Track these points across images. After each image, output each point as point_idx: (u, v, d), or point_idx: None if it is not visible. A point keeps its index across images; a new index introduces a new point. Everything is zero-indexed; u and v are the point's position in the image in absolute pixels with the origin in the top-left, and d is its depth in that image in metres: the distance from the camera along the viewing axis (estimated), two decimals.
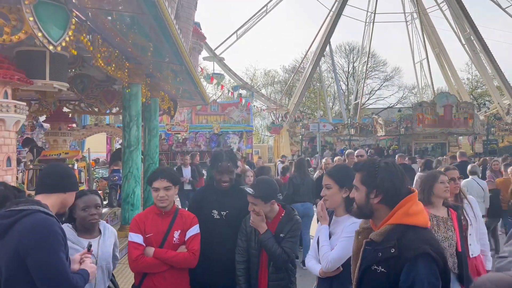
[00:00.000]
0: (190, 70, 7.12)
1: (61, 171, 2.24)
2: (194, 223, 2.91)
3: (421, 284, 1.71)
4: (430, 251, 1.74)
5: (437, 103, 23.69)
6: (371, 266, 1.83)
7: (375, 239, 1.85)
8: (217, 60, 23.70)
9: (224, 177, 3.10)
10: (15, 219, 1.86)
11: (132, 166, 6.74)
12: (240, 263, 2.95)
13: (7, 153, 4.29)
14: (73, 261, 2.19)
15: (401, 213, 1.83)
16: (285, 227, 2.88)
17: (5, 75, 4.22)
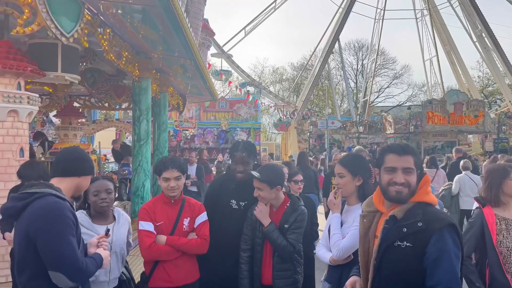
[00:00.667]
0: (200, 64, 7.14)
1: (76, 155, 2.23)
2: (202, 210, 2.93)
3: (448, 254, 1.80)
4: (454, 222, 1.85)
5: (447, 101, 23.45)
6: (394, 243, 1.87)
7: (398, 216, 1.89)
8: (225, 57, 23.69)
9: (238, 167, 3.08)
10: (27, 202, 1.89)
11: (142, 160, 6.79)
12: (244, 251, 2.94)
13: (20, 143, 4.35)
14: (90, 244, 2.23)
15: (422, 192, 1.94)
16: (290, 218, 2.86)
17: (18, 66, 4.27)
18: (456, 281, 1.80)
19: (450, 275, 1.79)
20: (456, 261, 1.82)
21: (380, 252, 1.91)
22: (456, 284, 1.80)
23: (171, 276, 2.74)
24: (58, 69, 4.85)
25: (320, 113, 35.28)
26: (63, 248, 1.85)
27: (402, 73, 42.45)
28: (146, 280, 2.77)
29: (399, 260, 1.85)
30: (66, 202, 1.97)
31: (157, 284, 2.74)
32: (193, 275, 2.86)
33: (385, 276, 1.89)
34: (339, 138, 28.71)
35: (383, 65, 41.29)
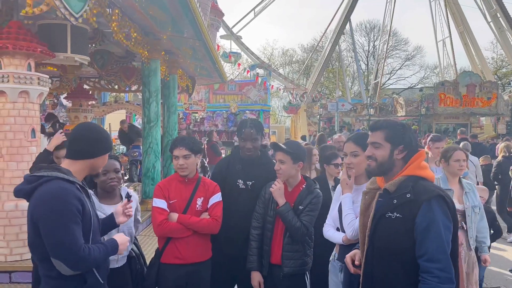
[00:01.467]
0: (209, 45, 7.08)
1: (89, 136, 2.08)
2: (217, 191, 2.93)
3: (436, 224, 1.84)
4: (443, 194, 1.90)
5: (460, 83, 23.06)
6: (386, 214, 1.94)
7: (389, 189, 1.96)
8: (234, 39, 23.49)
9: (247, 144, 3.04)
10: (35, 186, 1.88)
11: (152, 142, 6.82)
12: (255, 229, 2.93)
13: (31, 124, 4.38)
14: (116, 214, 2.28)
15: (414, 166, 1.99)
16: (305, 200, 2.83)
17: (28, 47, 4.27)
18: (442, 250, 1.83)
19: (437, 244, 1.82)
20: (445, 231, 1.85)
21: (373, 223, 2.00)
22: (442, 253, 1.82)
23: (181, 253, 2.77)
24: (68, 50, 4.85)
25: (330, 95, 35.01)
26: (63, 236, 1.81)
27: (414, 55, 41.78)
28: (158, 255, 2.82)
29: (390, 231, 1.92)
30: (73, 185, 1.92)
31: (168, 260, 2.79)
32: (204, 254, 2.89)
33: (377, 247, 1.97)
34: (349, 120, 28.52)
35: (395, 47, 40.62)
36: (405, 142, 2.01)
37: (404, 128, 2.05)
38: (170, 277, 2.77)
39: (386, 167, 2.03)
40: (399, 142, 2.02)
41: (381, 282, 1.96)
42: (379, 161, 2.03)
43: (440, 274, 1.80)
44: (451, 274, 1.82)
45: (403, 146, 2.01)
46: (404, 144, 2.01)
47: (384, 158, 2.03)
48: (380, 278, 1.96)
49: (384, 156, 2.03)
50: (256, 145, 3.05)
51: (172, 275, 2.77)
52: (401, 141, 2.01)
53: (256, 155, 3.10)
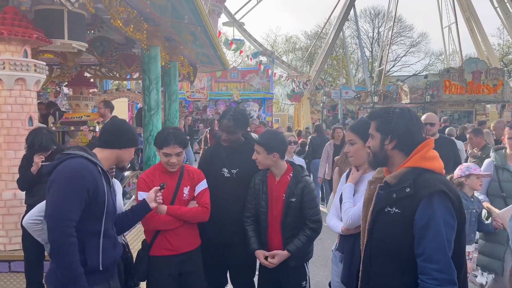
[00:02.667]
0: (209, 31, 6.96)
1: (118, 127, 2.30)
2: (202, 178, 2.87)
3: (437, 221, 1.71)
4: (445, 189, 1.74)
5: (466, 69, 22.74)
6: (385, 208, 1.83)
7: (389, 181, 1.84)
8: (237, 26, 23.21)
9: (223, 135, 3.00)
10: (61, 161, 2.01)
11: (153, 130, 6.75)
12: (248, 217, 2.89)
13: (28, 112, 4.33)
14: (148, 199, 2.38)
15: (418, 157, 1.84)
16: (296, 191, 2.76)
17: (24, 33, 4.19)
18: (441, 251, 1.70)
19: (436, 244, 1.70)
20: (447, 229, 1.72)
21: (372, 217, 1.90)
22: (441, 254, 1.70)
23: (173, 245, 2.72)
24: (65, 36, 4.75)
25: (334, 83, 34.74)
26: (59, 201, 1.90)
27: (419, 41, 41.20)
28: (147, 248, 2.76)
29: (388, 226, 1.82)
30: (94, 165, 2.03)
31: (159, 252, 2.73)
32: (194, 242, 2.85)
33: (376, 240, 1.88)
34: (353, 108, 28.30)
35: (399, 33, 40.06)
36: (392, 131, 1.88)
37: (395, 115, 1.90)
38: (163, 269, 2.72)
39: (380, 157, 1.93)
40: (387, 131, 1.89)
41: (378, 278, 1.87)
42: (372, 152, 1.96)
43: (438, 275, 1.69)
44: (451, 276, 1.70)
45: (391, 135, 1.88)
46: (391, 133, 1.88)
47: (376, 149, 1.93)
48: (377, 273, 1.88)
49: (375, 147, 1.94)
50: (232, 137, 2.99)
51: (165, 266, 2.72)
52: (388, 130, 1.89)
53: (237, 144, 3.03)
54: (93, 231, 2.01)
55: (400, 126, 1.87)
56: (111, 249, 2.09)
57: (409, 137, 1.87)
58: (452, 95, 22.78)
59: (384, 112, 1.96)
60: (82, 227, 1.97)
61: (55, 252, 1.90)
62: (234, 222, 2.94)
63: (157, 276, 2.73)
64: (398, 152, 1.89)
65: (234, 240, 2.96)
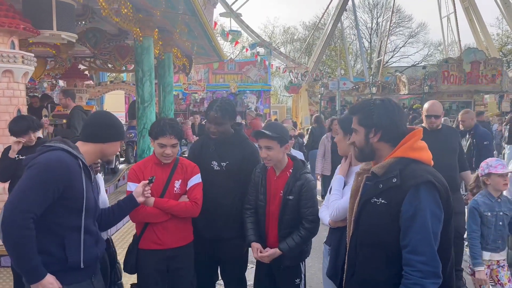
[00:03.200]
0: (203, 22, 6.85)
1: (101, 121, 2.17)
2: (196, 172, 2.78)
3: (423, 212, 1.67)
4: (432, 179, 1.71)
5: (464, 60, 22.58)
6: (371, 199, 1.80)
7: (376, 172, 1.80)
8: (234, 16, 22.99)
9: (211, 128, 2.88)
10: (40, 153, 1.93)
11: (147, 122, 6.67)
12: (247, 209, 2.83)
13: (16, 105, 4.25)
14: (136, 193, 2.29)
15: (406, 147, 1.80)
16: (294, 189, 2.67)
17: (10, 24, 4.10)
18: (427, 242, 1.67)
19: (421, 235, 1.67)
20: (433, 221, 1.69)
21: (358, 208, 1.86)
22: (426, 245, 1.66)
23: (160, 239, 2.65)
24: (54, 27, 4.66)
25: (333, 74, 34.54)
26: (22, 190, 1.82)
27: (418, 32, 40.93)
28: (136, 241, 2.70)
29: (374, 218, 1.78)
30: (76, 161, 1.95)
31: (146, 246, 2.67)
32: (185, 238, 2.77)
33: (361, 232, 1.84)
34: (351, 100, 28.19)
35: (398, 23, 39.77)
36: (375, 123, 1.82)
37: (376, 107, 1.84)
38: (150, 262, 2.66)
39: (367, 152, 1.88)
40: (370, 124, 1.84)
41: (363, 270, 1.83)
42: (357, 146, 1.90)
43: (422, 267, 1.66)
44: (436, 268, 1.67)
45: (375, 128, 1.82)
46: (374, 126, 1.82)
47: (361, 143, 1.88)
48: (362, 265, 1.84)
49: (360, 141, 1.88)
50: (221, 129, 2.88)
51: (151, 260, 2.66)
52: (371, 123, 1.83)
53: (225, 136, 2.93)
54: (72, 226, 1.94)
55: (383, 117, 1.82)
56: (93, 245, 2.02)
57: (394, 128, 1.82)
58: (451, 86, 22.66)
59: (365, 105, 1.89)
60: (59, 221, 1.90)
61: (8, 243, 1.81)
62: (225, 216, 2.87)
63: (144, 270, 2.68)
64: (384, 144, 1.84)
65: (225, 235, 2.89)
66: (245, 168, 2.88)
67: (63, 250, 1.89)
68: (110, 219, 2.28)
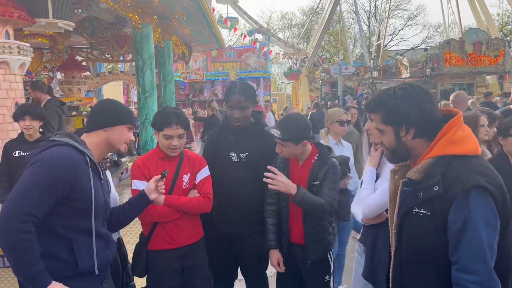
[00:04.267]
0: (203, 6, 6.61)
1: (100, 106, 2.00)
2: (203, 164, 2.60)
3: (474, 223, 1.39)
4: (484, 183, 1.40)
5: (466, 40, 22.28)
6: (412, 210, 1.52)
7: (414, 178, 1.52)
8: (231, 3, 22.56)
9: (235, 114, 2.63)
10: (44, 149, 1.76)
11: (149, 113, 6.49)
12: (269, 205, 2.63)
13: (14, 98, 4.06)
14: (148, 190, 2.12)
15: (444, 142, 1.49)
16: (319, 174, 2.48)
17: (3, 12, 3.89)
18: (481, 258, 1.38)
19: (473, 251, 1.39)
20: (488, 232, 1.40)
21: (399, 219, 1.59)
22: (480, 262, 1.38)
23: (172, 238, 2.48)
24: (49, 15, 4.44)
25: (332, 59, 34.19)
26: (22, 191, 1.64)
27: (417, 14, 40.42)
28: (145, 242, 2.52)
29: (418, 231, 1.51)
30: (83, 157, 1.77)
31: (157, 246, 2.49)
32: (196, 234, 2.60)
33: (405, 247, 1.58)
34: (352, 85, 27.90)
35: (397, 6, 39.23)
36: (403, 119, 1.52)
37: (398, 99, 1.53)
38: (163, 263, 2.49)
39: (402, 152, 1.59)
40: (398, 120, 1.53)
41: None
42: (389, 148, 1.62)
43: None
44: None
45: (405, 124, 1.52)
46: (404, 122, 1.52)
47: (392, 145, 1.59)
48: (409, 285, 1.57)
49: (391, 143, 1.59)
50: (245, 114, 2.65)
51: (165, 261, 2.49)
52: (400, 119, 1.53)
53: (248, 123, 2.72)
54: (82, 229, 1.77)
55: (411, 109, 1.51)
56: (104, 249, 1.86)
57: (427, 119, 1.52)
58: (453, 68, 22.38)
59: (385, 99, 1.57)
60: (66, 223, 1.73)
61: (7, 248, 1.63)
62: (243, 211, 2.68)
63: (158, 272, 2.50)
64: (421, 139, 1.55)
65: (243, 230, 2.71)
66: (266, 160, 2.65)
67: (73, 255, 1.73)
68: (122, 218, 2.10)
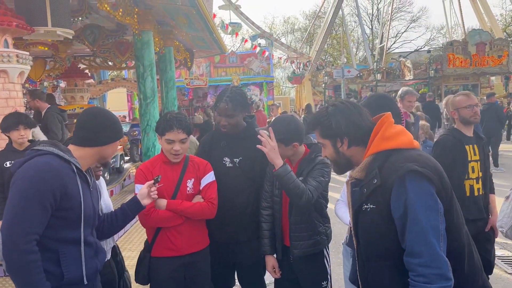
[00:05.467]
0: (204, 12, 6.61)
1: (95, 122, 1.88)
2: (208, 170, 2.57)
3: (412, 207, 1.44)
4: (416, 167, 1.47)
5: (469, 41, 22.16)
6: (361, 207, 1.61)
7: (357, 176, 1.63)
8: (233, 8, 22.61)
9: (222, 121, 2.61)
10: (29, 158, 1.72)
11: (150, 119, 6.50)
12: (264, 209, 2.60)
13: (13, 106, 4.06)
14: (141, 195, 2.10)
15: (378, 139, 1.61)
16: (306, 168, 2.45)
17: (2, 21, 3.90)
18: (423, 240, 1.42)
19: (413, 234, 1.44)
20: (428, 214, 1.44)
21: (353, 218, 1.68)
22: (423, 244, 1.42)
23: (175, 244, 2.44)
24: (48, 23, 4.46)
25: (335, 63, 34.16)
26: (17, 211, 1.61)
27: (420, 16, 40.53)
28: (148, 249, 2.49)
29: (369, 225, 1.58)
30: (68, 165, 1.73)
31: (160, 253, 2.46)
32: (201, 242, 2.56)
33: (362, 244, 1.66)
34: (356, 88, 27.81)
35: (399, 8, 39.24)
36: (336, 132, 1.67)
37: (330, 115, 1.68)
38: (165, 271, 2.45)
39: (343, 162, 1.72)
40: (333, 134, 1.68)
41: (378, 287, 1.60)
42: (331, 160, 1.76)
43: (424, 271, 1.41)
44: (440, 269, 1.41)
45: (339, 137, 1.67)
46: (337, 134, 1.67)
47: (333, 156, 1.73)
48: (375, 282, 1.61)
49: (332, 154, 1.73)
50: (232, 121, 2.62)
51: (167, 269, 2.44)
52: (333, 133, 1.68)
53: (237, 130, 2.68)
54: (70, 239, 1.73)
55: (341, 122, 1.66)
56: (93, 257, 1.82)
57: (357, 128, 1.65)
58: (457, 69, 22.25)
59: (320, 116, 1.73)
60: (56, 235, 1.69)
61: (14, 271, 1.60)
62: (239, 217, 2.64)
63: (159, 280, 2.46)
64: (356, 148, 1.68)
65: (240, 237, 2.67)
66: (260, 164, 2.63)
67: (58, 266, 1.69)
68: (114, 225, 2.07)
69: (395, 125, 1.65)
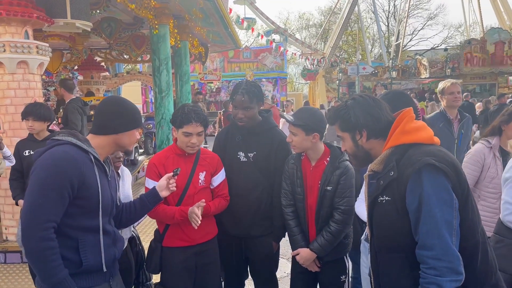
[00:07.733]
0: (220, 6, 6.62)
1: (111, 109, 1.89)
2: (220, 166, 2.61)
3: (427, 200, 1.46)
4: (432, 161, 1.49)
5: (488, 40, 21.77)
6: (377, 199, 1.63)
7: (375, 169, 1.66)
8: (248, 3, 22.59)
9: (238, 113, 2.60)
10: (48, 148, 1.75)
11: (165, 113, 6.54)
12: (287, 207, 2.59)
13: (33, 97, 4.14)
14: (159, 187, 2.12)
15: (398, 133, 1.63)
16: (332, 178, 2.44)
17: (23, 13, 3.97)
18: (435, 234, 1.44)
19: (428, 227, 1.45)
20: (442, 208, 1.46)
21: (369, 210, 1.71)
22: (435, 237, 1.44)
23: (187, 235, 2.48)
24: (68, 15, 4.51)
25: (350, 59, 33.89)
26: (36, 198, 1.64)
27: (437, 13, 39.87)
28: (159, 239, 2.53)
29: (384, 217, 1.61)
30: (86, 155, 1.75)
31: (172, 243, 2.49)
32: (211, 232, 2.61)
33: (376, 236, 1.68)
34: (370, 85, 27.57)
35: (416, 5, 38.65)
36: (355, 124, 1.70)
37: (349, 109, 1.71)
38: (177, 260, 2.49)
39: (362, 155, 1.75)
40: (351, 127, 1.71)
41: (389, 280, 1.62)
42: (350, 153, 1.79)
43: (435, 264, 1.43)
44: (451, 263, 1.43)
45: (358, 129, 1.70)
46: (356, 127, 1.70)
47: (352, 149, 1.76)
48: (385, 274, 1.64)
49: (351, 147, 1.76)
50: (248, 114, 2.62)
51: (179, 258, 2.49)
52: (352, 126, 1.71)
53: (254, 123, 2.69)
54: (89, 227, 1.76)
55: (360, 115, 1.69)
56: (111, 246, 1.85)
57: (375, 121, 1.68)
58: (474, 68, 21.90)
59: (339, 110, 1.77)
60: (75, 224, 1.72)
61: (31, 257, 1.65)
62: (252, 212, 2.66)
63: (172, 269, 2.50)
64: (375, 141, 1.70)
65: (253, 232, 2.68)
66: (274, 159, 2.64)
67: (78, 254, 1.73)
68: (132, 215, 2.09)
69: (416, 120, 1.66)
